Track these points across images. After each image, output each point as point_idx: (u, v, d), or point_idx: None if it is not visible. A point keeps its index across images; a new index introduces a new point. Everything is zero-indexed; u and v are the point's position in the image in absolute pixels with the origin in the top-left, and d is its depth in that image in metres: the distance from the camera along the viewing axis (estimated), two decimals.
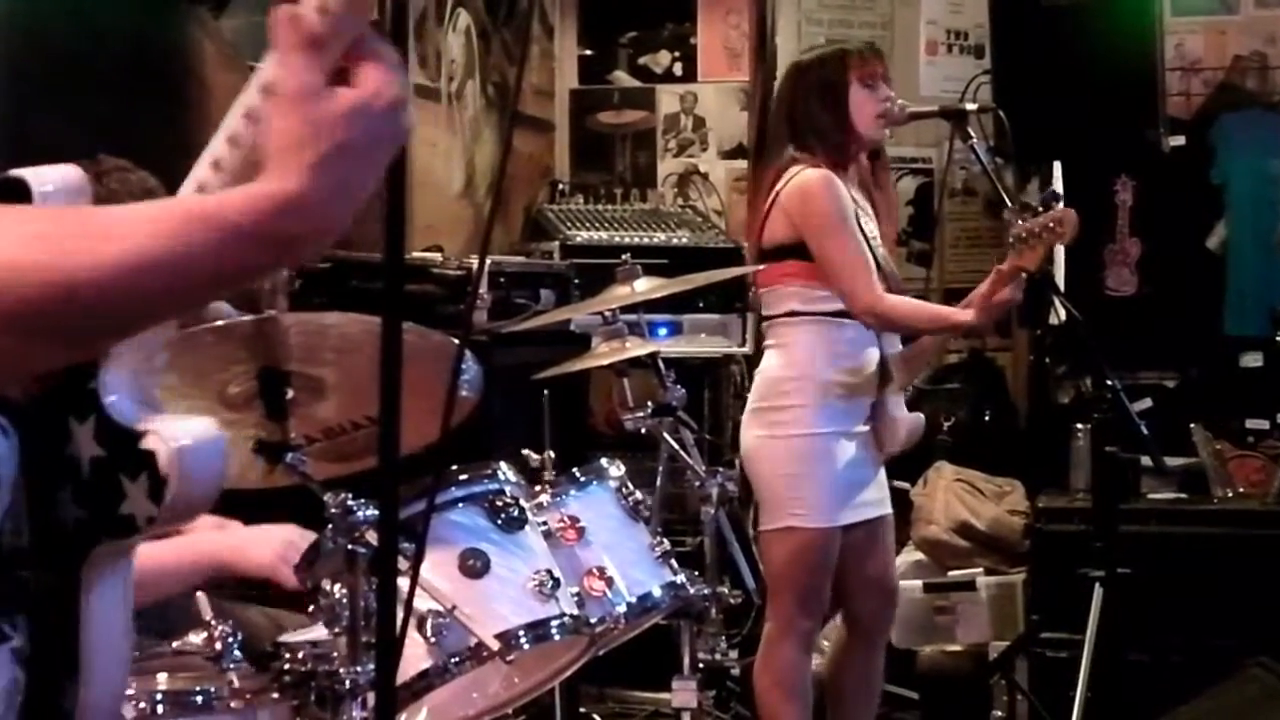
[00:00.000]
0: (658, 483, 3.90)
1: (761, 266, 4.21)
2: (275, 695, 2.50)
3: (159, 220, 1.24)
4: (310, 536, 2.93)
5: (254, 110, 1.32)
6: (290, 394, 2.54)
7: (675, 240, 6.34)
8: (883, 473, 4.29)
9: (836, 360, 4.13)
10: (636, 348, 3.81)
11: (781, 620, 4.18)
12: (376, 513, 2.40)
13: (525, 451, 3.19)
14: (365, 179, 1.29)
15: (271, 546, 3.00)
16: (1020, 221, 3.97)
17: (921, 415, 4.33)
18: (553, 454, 3.25)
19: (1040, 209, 3.95)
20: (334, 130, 1.25)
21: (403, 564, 1.84)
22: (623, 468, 3.39)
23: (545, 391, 3.99)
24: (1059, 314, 4.30)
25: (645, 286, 3.84)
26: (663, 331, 5.68)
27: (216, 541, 3.07)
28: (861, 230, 4.13)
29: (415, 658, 2.61)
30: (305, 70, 1.25)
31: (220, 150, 1.35)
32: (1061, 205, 4.01)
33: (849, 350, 4.14)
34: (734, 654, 3.73)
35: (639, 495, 3.34)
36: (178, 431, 1.46)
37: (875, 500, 4.26)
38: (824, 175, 4.09)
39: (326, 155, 1.24)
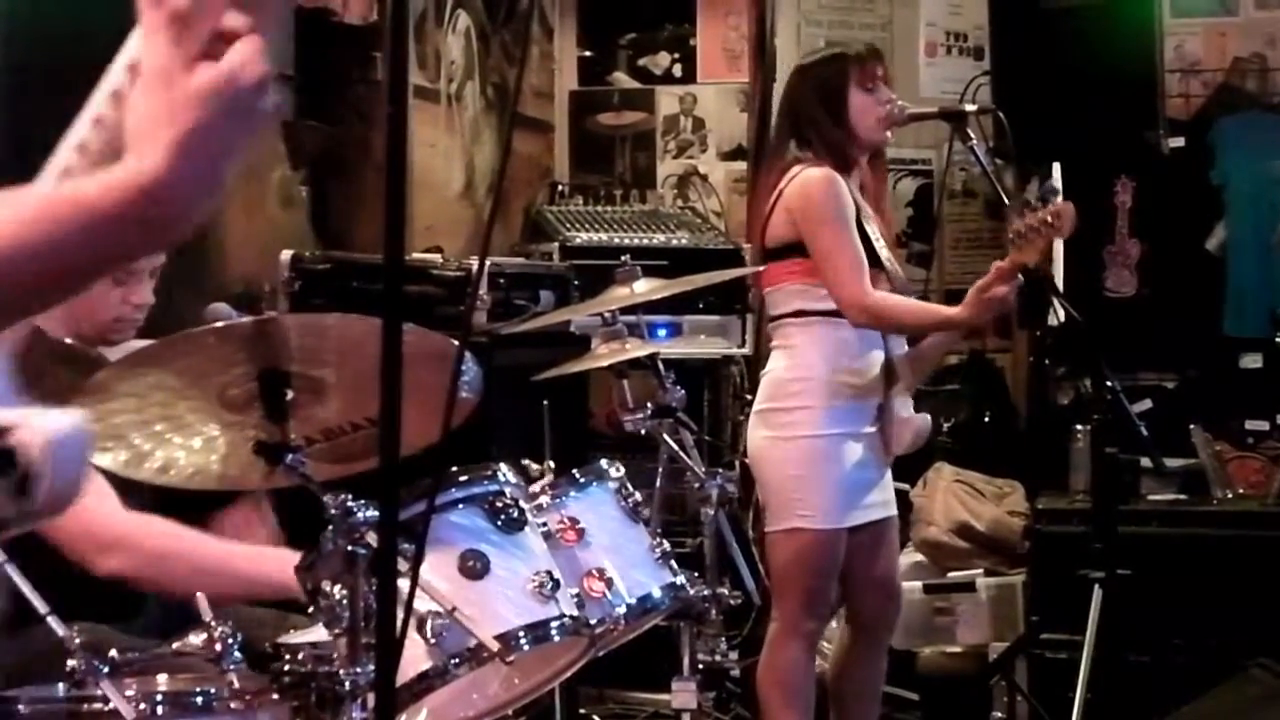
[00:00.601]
0: (657, 484, 3.90)
1: (763, 267, 4.21)
2: (275, 696, 2.51)
3: (23, 209, 1.22)
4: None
5: (120, 90, 1.28)
6: (290, 395, 2.54)
7: (675, 241, 6.33)
8: (889, 474, 4.29)
9: (843, 361, 4.12)
10: (636, 349, 3.81)
11: (786, 621, 4.18)
12: (376, 514, 2.40)
13: (525, 462, 3.18)
14: (228, 157, 1.25)
15: None
16: (1019, 217, 3.97)
17: (928, 416, 4.33)
18: (552, 463, 3.25)
19: (1038, 204, 3.95)
20: (194, 109, 1.21)
21: (402, 565, 1.84)
22: (622, 469, 3.39)
23: (545, 393, 3.99)
24: (1059, 315, 4.30)
25: (645, 288, 3.84)
26: (662, 333, 5.67)
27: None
28: (865, 232, 4.13)
29: (415, 659, 2.61)
30: (167, 48, 1.22)
31: (86, 132, 1.31)
32: (1059, 199, 4.01)
33: (855, 351, 4.14)
34: (734, 655, 3.73)
35: (639, 496, 3.34)
36: (44, 426, 1.39)
37: (881, 501, 4.25)
38: (827, 174, 4.09)
39: (187, 135, 1.21)
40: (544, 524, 3.04)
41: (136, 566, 2.92)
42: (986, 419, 6.72)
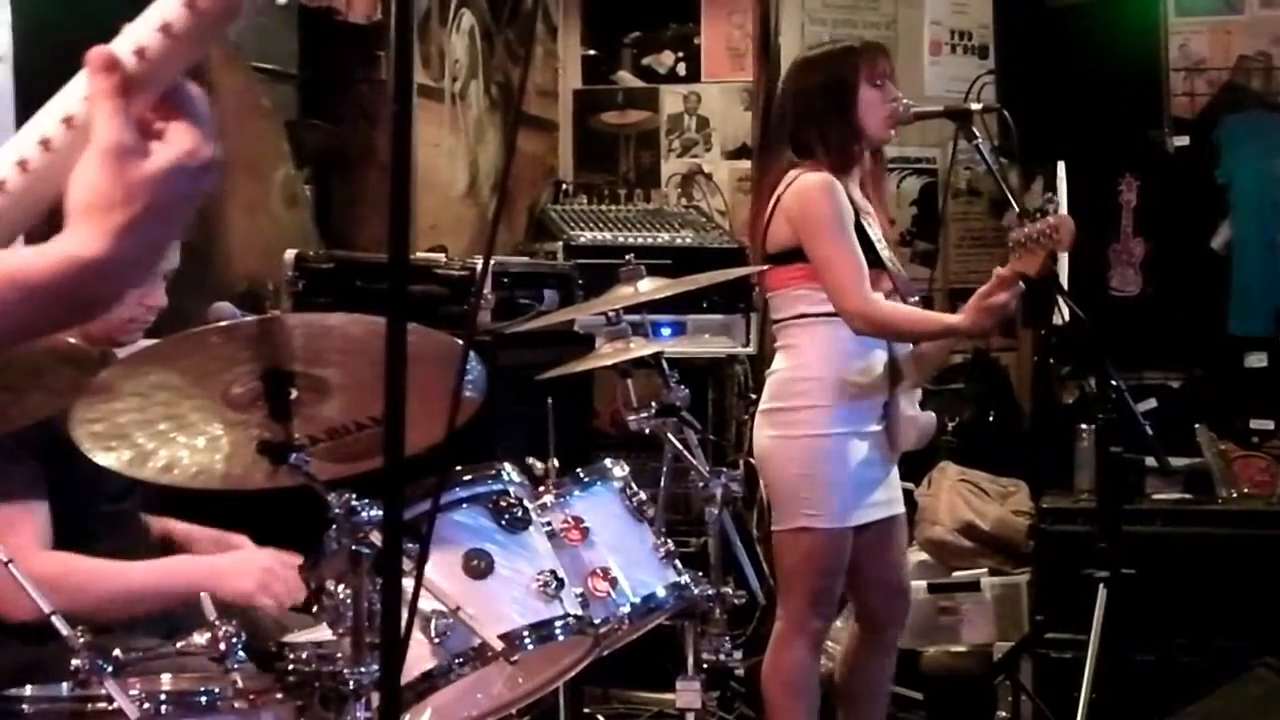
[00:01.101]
0: (662, 483, 3.89)
1: (766, 267, 4.20)
2: (279, 696, 2.51)
3: None
4: (292, 561, 2.93)
5: (53, 136, 1.24)
6: (294, 394, 2.54)
7: (679, 240, 6.33)
8: (895, 472, 4.29)
9: (848, 360, 4.12)
10: (640, 348, 3.81)
11: (793, 620, 4.18)
12: (380, 513, 2.40)
13: (530, 460, 3.18)
14: (168, 238, 1.23)
15: (253, 575, 2.99)
16: (1019, 227, 3.97)
17: (933, 414, 4.32)
18: (556, 463, 3.25)
19: (1038, 214, 3.94)
20: (146, 193, 1.18)
21: (407, 565, 1.84)
22: (626, 468, 3.39)
23: (549, 392, 3.99)
24: (1063, 314, 4.30)
25: (649, 287, 3.83)
26: (666, 332, 5.67)
27: (195, 567, 3.06)
28: (866, 234, 4.12)
29: (419, 658, 2.61)
30: (117, 122, 1.19)
31: (30, 150, 1.25)
32: (1061, 211, 4.00)
33: (860, 350, 4.13)
34: (738, 654, 3.72)
35: (643, 496, 3.35)
36: None
37: (888, 500, 4.25)
38: (824, 179, 4.08)
39: (135, 219, 1.18)
40: (548, 523, 3.04)
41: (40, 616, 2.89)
42: (991, 418, 6.71)
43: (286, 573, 2.95)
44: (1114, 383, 4.07)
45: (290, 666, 2.51)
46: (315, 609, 2.65)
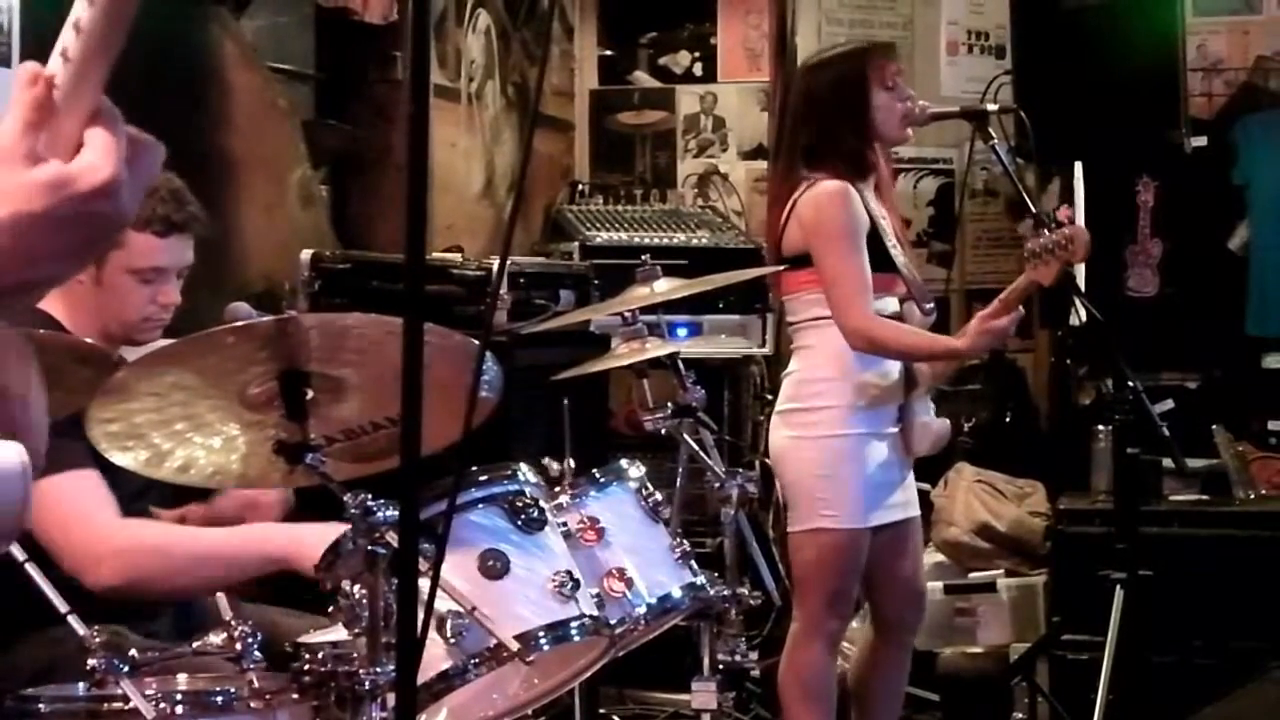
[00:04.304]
0: (677, 484, 3.89)
1: (782, 268, 4.20)
2: (295, 696, 2.51)
3: None
4: None
5: None
6: (310, 395, 2.54)
7: (695, 241, 6.33)
8: (911, 474, 4.28)
9: (863, 362, 4.11)
10: (656, 348, 3.80)
11: (809, 621, 4.18)
12: (396, 513, 2.40)
13: (546, 460, 3.18)
14: (59, 254, 1.21)
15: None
16: (1035, 237, 3.98)
17: (948, 421, 4.32)
18: (572, 463, 3.25)
19: (1054, 224, 3.96)
20: (26, 199, 1.16)
21: (423, 565, 1.84)
22: (642, 469, 3.39)
23: (565, 392, 3.98)
24: (1080, 315, 4.30)
25: (665, 287, 3.83)
26: (682, 332, 5.66)
27: (277, 534, 3.03)
28: (881, 241, 4.11)
29: (435, 658, 2.61)
30: (20, 131, 1.17)
31: None
32: (1077, 220, 4.01)
33: None
34: (754, 655, 3.72)
35: (659, 496, 3.34)
36: None
37: (904, 502, 4.25)
38: (840, 188, 4.06)
39: (10, 222, 1.16)
40: (564, 524, 3.04)
41: (129, 578, 2.90)
42: (1008, 419, 6.70)
43: None
44: (1131, 384, 4.06)
45: (306, 667, 2.51)
46: (331, 609, 2.65)
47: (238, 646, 2.45)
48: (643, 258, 3.91)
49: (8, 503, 1.28)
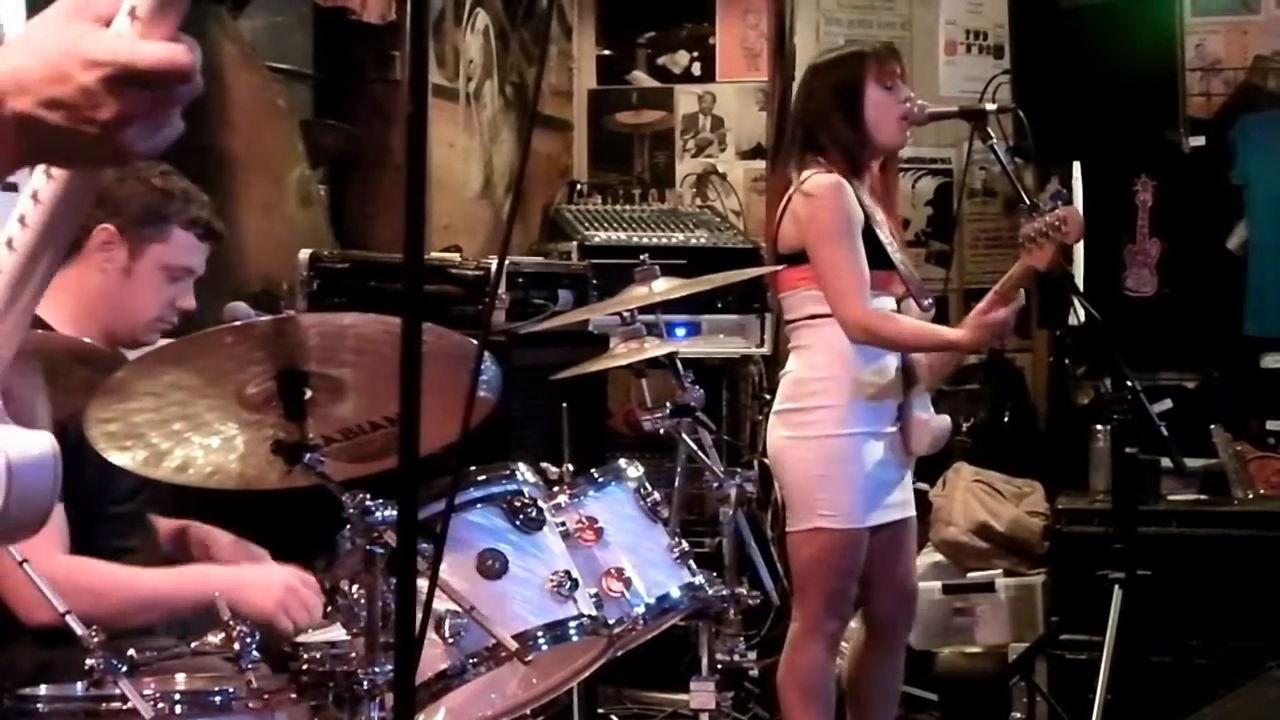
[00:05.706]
0: (676, 483, 3.89)
1: (779, 268, 4.20)
2: (293, 696, 2.51)
3: None
4: (312, 581, 2.91)
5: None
6: (309, 394, 2.54)
7: (693, 241, 6.33)
8: (910, 474, 4.28)
9: (861, 361, 4.11)
10: (655, 348, 3.81)
11: (808, 621, 4.18)
12: (395, 513, 2.40)
13: (544, 465, 3.18)
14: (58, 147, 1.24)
15: (274, 592, 2.92)
16: (1028, 221, 3.97)
17: (948, 418, 4.32)
18: (570, 466, 3.25)
19: (1047, 209, 3.95)
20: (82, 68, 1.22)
21: (421, 564, 1.84)
22: (641, 468, 3.39)
23: (563, 392, 3.99)
24: (1079, 315, 4.30)
25: (663, 287, 3.83)
26: (681, 332, 5.66)
27: (216, 578, 3.01)
28: (876, 238, 4.11)
29: (433, 658, 2.61)
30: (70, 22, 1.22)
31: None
32: (1067, 205, 4.01)
33: (873, 351, 4.12)
34: (752, 655, 3.72)
35: (657, 496, 3.34)
36: (9, 447, 1.29)
37: (902, 501, 4.25)
38: (835, 182, 4.07)
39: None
40: (562, 523, 3.04)
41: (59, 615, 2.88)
42: (1006, 419, 6.70)
43: (306, 593, 2.92)
44: (1129, 383, 4.06)
45: (304, 666, 2.51)
46: (329, 609, 2.65)
47: (236, 646, 2.45)
48: (641, 257, 3.92)
49: (40, 490, 1.29)
